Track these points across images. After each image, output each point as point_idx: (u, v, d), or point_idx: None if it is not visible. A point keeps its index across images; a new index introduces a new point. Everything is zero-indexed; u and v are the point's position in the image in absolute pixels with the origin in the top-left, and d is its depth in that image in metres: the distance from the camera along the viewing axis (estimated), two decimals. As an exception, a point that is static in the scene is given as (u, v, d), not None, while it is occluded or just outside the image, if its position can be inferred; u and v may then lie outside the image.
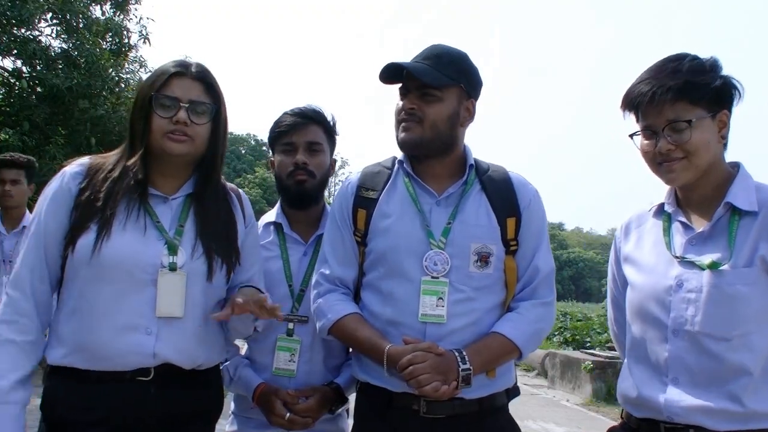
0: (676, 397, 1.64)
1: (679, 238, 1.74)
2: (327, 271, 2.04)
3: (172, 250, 1.82)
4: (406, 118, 1.92)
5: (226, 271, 1.91)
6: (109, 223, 1.78)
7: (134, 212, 1.82)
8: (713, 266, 1.64)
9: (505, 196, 1.97)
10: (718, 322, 1.62)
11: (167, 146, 1.81)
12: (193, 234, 1.87)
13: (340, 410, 2.18)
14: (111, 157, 1.92)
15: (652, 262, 1.77)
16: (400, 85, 1.98)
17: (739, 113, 1.72)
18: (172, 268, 1.80)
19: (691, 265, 1.68)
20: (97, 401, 1.76)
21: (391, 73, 1.94)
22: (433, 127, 1.91)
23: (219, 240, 1.90)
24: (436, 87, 1.90)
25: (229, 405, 2.34)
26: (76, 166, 1.89)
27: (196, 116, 1.82)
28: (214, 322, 1.93)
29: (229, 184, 2.06)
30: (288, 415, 2.06)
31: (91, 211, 1.80)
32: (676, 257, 1.71)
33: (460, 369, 1.78)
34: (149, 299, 1.78)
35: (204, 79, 1.87)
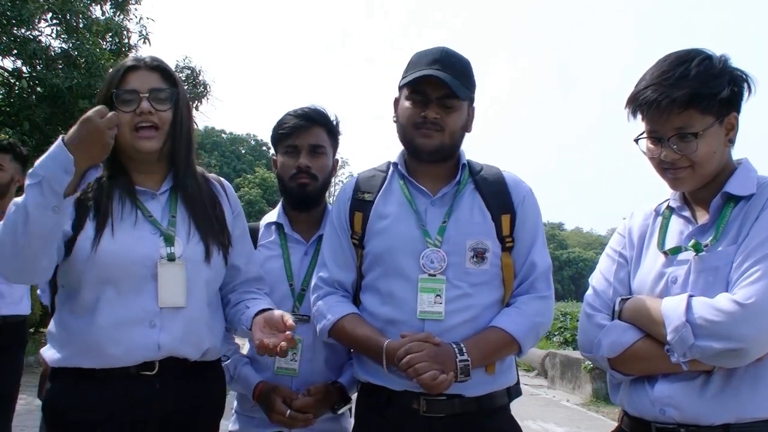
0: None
1: (676, 233, 1.73)
2: (326, 275, 2.06)
3: (169, 241, 1.84)
4: (429, 127, 1.93)
5: (223, 254, 1.94)
6: (103, 222, 1.80)
7: (126, 208, 1.85)
8: (696, 247, 1.64)
9: (498, 194, 2.00)
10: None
11: (139, 145, 1.84)
12: (186, 222, 1.90)
13: (343, 410, 2.19)
14: None
15: (649, 263, 1.77)
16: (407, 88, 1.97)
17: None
18: (171, 258, 1.83)
19: (678, 252, 1.68)
20: (101, 400, 1.77)
21: (418, 81, 1.92)
22: (452, 135, 1.96)
23: (210, 223, 1.94)
24: (459, 98, 1.92)
25: (232, 404, 2.35)
26: None
27: (158, 103, 1.85)
28: (216, 309, 1.98)
29: (212, 175, 2.10)
30: (289, 412, 2.07)
31: (83, 211, 1.81)
32: (664, 252, 1.71)
33: (458, 360, 1.79)
34: (151, 293, 1.80)
35: (159, 67, 1.90)
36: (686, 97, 1.59)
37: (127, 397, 1.77)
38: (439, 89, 1.91)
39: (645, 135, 1.70)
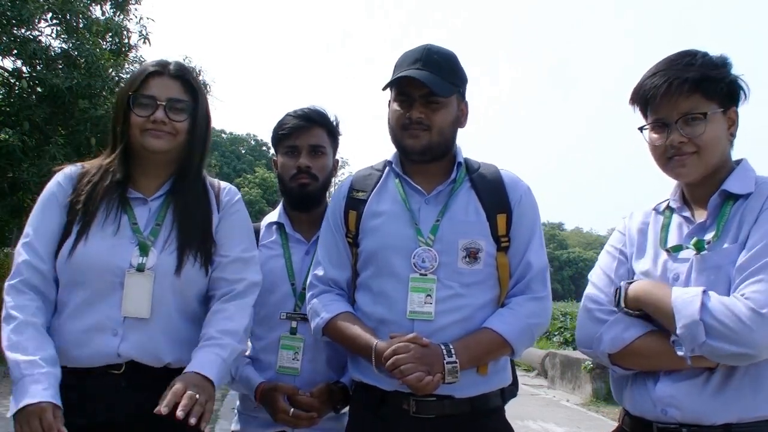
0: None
1: (677, 231, 1.74)
2: (321, 273, 2.06)
3: (144, 250, 1.83)
4: (415, 127, 1.93)
5: (202, 264, 1.89)
6: (87, 227, 1.82)
7: (112, 215, 1.85)
8: (698, 245, 1.65)
9: (495, 192, 1.98)
10: None
11: (147, 142, 1.84)
12: (168, 230, 1.88)
13: (345, 410, 2.18)
14: (98, 161, 1.95)
15: (649, 260, 1.77)
16: (391, 89, 1.98)
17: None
18: (140, 268, 1.81)
19: (680, 250, 1.69)
20: (71, 394, 1.76)
21: (400, 82, 1.93)
22: (440, 133, 1.94)
23: (195, 232, 1.89)
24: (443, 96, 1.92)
25: (234, 404, 2.35)
26: (67, 170, 1.93)
27: (174, 113, 1.85)
28: (192, 321, 1.91)
29: (213, 180, 2.05)
30: (292, 410, 2.07)
31: (74, 216, 1.84)
32: (666, 250, 1.72)
33: (445, 361, 1.78)
34: (118, 301, 1.80)
35: (182, 76, 1.89)
36: (697, 76, 1.63)
37: (95, 394, 1.78)
38: (421, 88, 1.90)
39: (649, 126, 1.72)
